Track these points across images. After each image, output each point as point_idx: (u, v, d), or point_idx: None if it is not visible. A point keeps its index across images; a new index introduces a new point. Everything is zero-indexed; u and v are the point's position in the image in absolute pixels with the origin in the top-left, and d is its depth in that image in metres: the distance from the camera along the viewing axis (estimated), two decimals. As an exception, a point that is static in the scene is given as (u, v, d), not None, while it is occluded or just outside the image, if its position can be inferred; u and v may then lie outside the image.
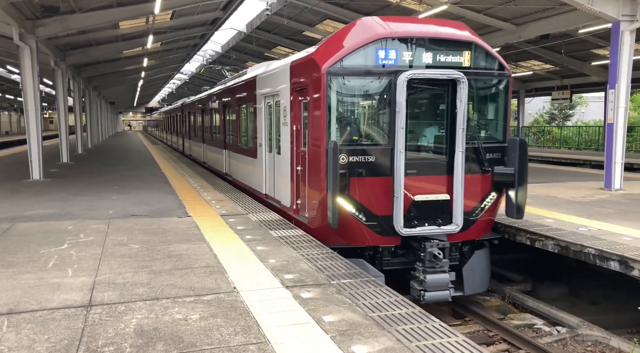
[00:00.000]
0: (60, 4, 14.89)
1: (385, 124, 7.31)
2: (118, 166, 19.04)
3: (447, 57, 7.37)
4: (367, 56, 7.15)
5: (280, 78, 9.43)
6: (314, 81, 7.44)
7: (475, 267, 7.87)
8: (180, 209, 9.74)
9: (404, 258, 7.67)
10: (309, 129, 7.75)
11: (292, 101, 8.61)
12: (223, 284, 5.32)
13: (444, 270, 7.27)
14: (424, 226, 7.31)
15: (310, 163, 7.78)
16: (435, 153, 7.82)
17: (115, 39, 23.42)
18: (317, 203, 7.59)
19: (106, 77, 36.65)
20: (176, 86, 71.01)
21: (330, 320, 4.35)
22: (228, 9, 22.72)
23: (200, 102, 20.75)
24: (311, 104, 7.61)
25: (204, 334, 4.08)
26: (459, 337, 4.08)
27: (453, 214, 7.41)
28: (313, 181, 7.72)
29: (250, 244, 6.99)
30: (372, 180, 7.21)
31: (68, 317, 4.45)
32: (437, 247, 7.14)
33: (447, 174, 7.50)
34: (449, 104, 7.47)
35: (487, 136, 7.97)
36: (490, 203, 7.79)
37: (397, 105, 7.05)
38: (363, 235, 7.32)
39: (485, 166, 7.61)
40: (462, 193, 7.36)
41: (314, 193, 7.71)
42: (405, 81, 6.98)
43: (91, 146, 32.38)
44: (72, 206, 10.09)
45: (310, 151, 7.75)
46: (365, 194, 7.19)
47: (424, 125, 7.99)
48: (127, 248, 6.82)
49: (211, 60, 40.89)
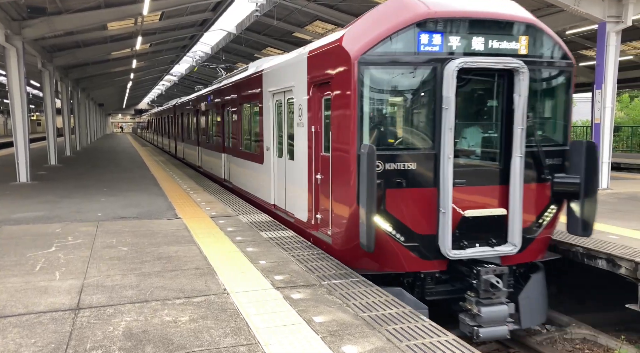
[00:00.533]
0: (47, 5, 14.76)
1: (429, 124, 6.11)
2: (107, 168, 18.89)
3: (501, 43, 6.12)
4: (406, 41, 5.90)
5: (293, 72, 8.13)
6: (341, 73, 6.26)
7: (533, 294, 6.59)
8: (169, 211, 9.68)
9: (449, 285, 6.42)
10: (334, 131, 6.53)
11: (309, 98, 7.38)
12: (213, 286, 5.30)
13: (501, 301, 6.02)
14: (474, 247, 6.11)
15: (336, 171, 6.57)
16: (485, 159, 6.54)
17: (103, 40, 23.25)
18: (344, 220, 6.32)
19: (95, 79, 36.36)
20: (165, 88, 70.67)
21: (320, 321, 4.35)
22: (217, 10, 22.66)
23: (194, 102, 19.33)
24: (337, 101, 6.42)
25: (193, 336, 4.06)
26: (449, 336, 4.10)
27: (509, 232, 6.22)
28: (339, 193, 6.51)
29: (241, 245, 6.97)
30: (413, 192, 6.03)
31: (55, 320, 4.40)
32: (493, 273, 5.93)
33: (501, 184, 6.28)
34: (504, 99, 6.26)
35: (545, 138, 6.64)
36: (549, 218, 6.55)
37: (444, 100, 5.86)
38: (401, 258, 6.08)
39: (545, 174, 6.41)
40: (520, 207, 6.14)
41: (340, 207, 6.49)
42: (455, 71, 5.79)
43: (80, 149, 32.09)
44: (60, 209, 9.99)
45: (335, 156, 6.53)
46: (405, 209, 6.01)
47: (470, 125, 6.60)
48: (116, 250, 6.76)
49: (201, 61, 40.74)
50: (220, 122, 14.55)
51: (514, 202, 6.17)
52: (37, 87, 42.06)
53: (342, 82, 6.24)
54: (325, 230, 7.07)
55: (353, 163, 5.97)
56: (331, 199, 6.77)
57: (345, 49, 6.13)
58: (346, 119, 6.15)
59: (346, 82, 6.09)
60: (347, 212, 6.20)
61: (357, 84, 5.91)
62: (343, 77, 6.19)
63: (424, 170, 6.03)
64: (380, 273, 6.20)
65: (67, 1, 15.24)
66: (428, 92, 6.08)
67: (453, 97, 5.82)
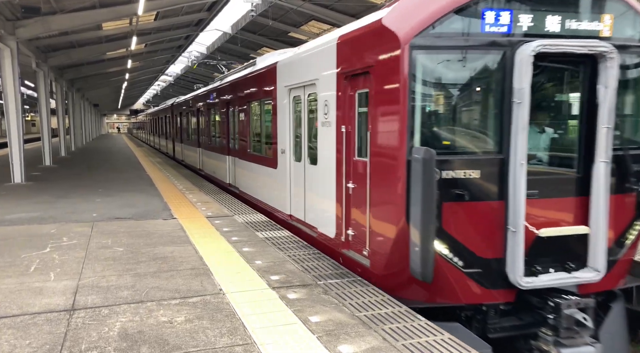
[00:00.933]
0: (41, 5, 14.70)
1: (494, 122, 5.08)
2: (102, 169, 18.82)
3: (580, 23, 5.04)
4: (467, 20, 4.88)
5: (317, 63, 7.03)
6: (385, 61, 5.15)
7: (614, 329, 5.50)
8: (165, 211, 9.66)
9: (516, 319, 5.31)
10: (374, 132, 5.44)
11: (339, 93, 6.31)
12: (209, 286, 5.28)
13: (586, 341, 4.94)
14: (549, 273, 5.06)
15: (376, 180, 5.51)
16: (559, 166, 5.47)
17: (98, 40, 23.18)
18: (387, 239, 5.27)
19: (90, 79, 36.25)
20: (161, 88, 70.52)
21: (316, 321, 4.35)
22: (213, 10, 22.63)
23: (195, 101, 18.06)
24: (379, 96, 5.35)
25: (189, 336, 4.05)
26: (445, 335, 4.10)
27: (590, 254, 5.13)
28: (380, 206, 5.43)
29: (237, 245, 6.96)
30: (475, 206, 4.97)
31: (50, 321, 4.38)
32: (577, 307, 4.88)
33: (578, 195, 5.23)
34: (585, 92, 5.21)
35: (629, 140, 5.53)
36: (633, 236, 5.54)
37: (515, 93, 4.83)
38: (459, 287, 5.04)
39: (631, 183, 5.38)
40: (605, 223, 5.06)
41: (381, 223, 5.40)
42: (531, 57, 4.76)
43: (75, 149, 31.97)
44: (55, 210, 9.94)
45: (376, 162, 5.48)
46: (464, 227, 4.98)
47: (539, 124, 5.50)
48: (111, 251, 6.74)
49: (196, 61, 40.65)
50: (225, 122, 13.36)
51: (597, 217, 5.06)
52: (31, 87, 41.88)
53: (386, 72, 5.16)
54: (361, 250, 5.93)
55: (401, 170, 4.96)
56: (369, 213, 5.65)
57: (391, 31, 5.03)
58: (392, 117, 5.09)
59: (393, 72, 5.03)
60: (392, 230, 5.16)
61: (408, 73, 4.87)
62: (388, 66, 5.11)
63: (489, 179, 5.00)
64: (432, 305, 5.18)
65: (61, 1, 15.18)
66: (494, 83, 5.06)
67: (528, 88, 4.78)
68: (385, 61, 5.17)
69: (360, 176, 5.95)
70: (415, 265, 4.65)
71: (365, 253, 5.82)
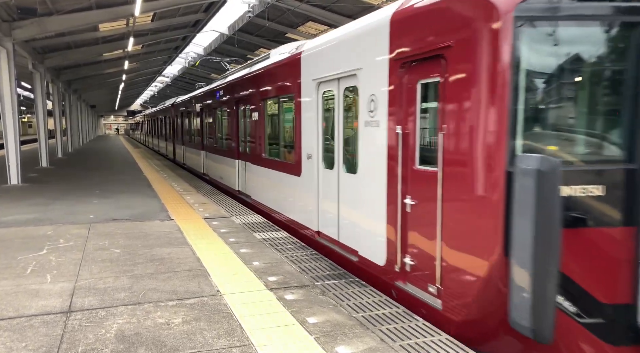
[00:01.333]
0: (38, 6, 14.66)
1: (623, 120, 3.91)
2: (99, 170, 18.77)
3: None
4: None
5: (361, 48, 5.74)
6: (475, 38, 3.92)
7: None
8: (162, 212, 9.64)
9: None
10: (451, 133, 4.22)
11: (393, 84, 5.08)
12: (206, 287, 5.27)
13: None
14: None
15: (453, 196, 4.25)
16: None
17: (95, 41, 23.13)
18: (472, 277, 4.07)
19: (86, 80, 36.19)
20: (158, 89, 70.45)
21: (314, 322, 4.34)
22: (210, 11, 22.61)
23: (199, 100, 16.77)
24: (461, 85, 4.10)
25: (186, 338, 4.04)
26: (442, 335, 4.10)
27: None
28: (460, 231, 4.18)
29: (234, 247, 6.94)
30: (597, 234, 3.85)
31: (47, 323, 4.36)
32: None
33: None
34: None
35: None
36: None
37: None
38: (574, 342, 3.89)
39: None
40: None
41: (461, 255, 4.18)
42: None
43: (72, 150, 31.89)
44: (52, 211, 9.91)
45: (453, 173, 4.24)
46: (583, 262, 3.86)
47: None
48: (109, 252, 6.72)
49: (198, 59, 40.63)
50: (233, 123, 12.04)
51: None
52: (28, 89, 41.78)
53: (474, 54, 3.93)
54: (425, 285, 4.75)
55: (497, 185, 3.79)
56: (440, 239, 4.44)
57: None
58: (484, 113, 3.89)
59: (486, 53, 3.82)
60: (481, 266, 3.96)
61: (512, 53, 3.71)
62: (478, 45, 3.87)
63: (615, 198, 3.85)
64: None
65: (57, 2, 15.15)
66: (625, 67, 3.87)
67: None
68: (473, 38, 3.93)
69: (424, 191, 4.70)
70: (523, 317, 3.47)
71: (434, 290, 4.60)
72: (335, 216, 6.69)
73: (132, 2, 15.42)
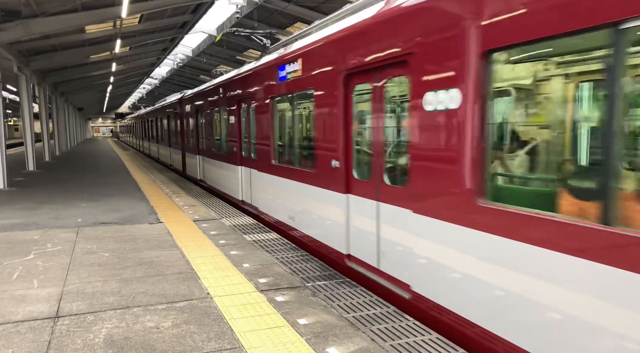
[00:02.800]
0: (23, 8, 14.49)
1: None
2: (87, 174, 18.59)
3: None
4: None
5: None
6: None
7: None
8: (151, 215, 9.56)
9: None
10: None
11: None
12: (196, 290, 5.24)
13: None
14: None
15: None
16: None
17: (81, 43, 22.91)
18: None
19: (73, 83, 35.82)
20: (146, 91, 69.99)
21: (305, 323, 4.33)
22: (198, 12, 22.49)
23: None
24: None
25: (176, 341, 4.00)
26: (433, 335, 4.11)
27: None
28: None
29: (224, 249, 6.91)
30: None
31: (34, 329, 4.30)
32: None
33: None
34: None
35: None
36: None
37: None
38: None
39: None
40: None
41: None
42: None
43: (59, 154, 31.55)
44: (39, 215, 9.79)
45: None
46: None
47: None
48: (97, 256, 6.65)
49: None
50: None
51: None
52: (14, 91, 41.27)
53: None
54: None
55: None
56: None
57: None
58: None
59: None
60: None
61: None
62: None
63: None
64: None
65: (43, 4, 14.97)
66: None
67: None
68: None
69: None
70: None
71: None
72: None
73: (119, 4, 15.29)
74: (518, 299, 3.52)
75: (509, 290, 3.59)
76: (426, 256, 4.50)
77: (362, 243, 5.72)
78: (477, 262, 3.89)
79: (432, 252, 4.41)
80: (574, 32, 3.07)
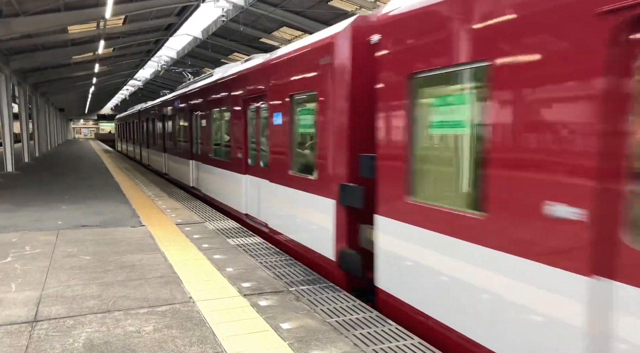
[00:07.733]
0: (3, 7, 14.25)
1: None
2: (68, 175, 18.30)
3: None
4: None
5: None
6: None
7: None
8: (134, 218, 9.46)
9: None
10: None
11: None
12: (178, 294, 5.20)
13: None
14: None
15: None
16: None
17: (64, 43, 22.61)
18: None
19: (55, 83, 35.28)
20: (129, 93, 69.25)
21: (288, 327, 4.33)
22: (183, 15, 22.40)
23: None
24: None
25: (157, 346, 3.97)
26: (415, 339, 4.14)
27: None
28: None
29: (207, 253, 6.87)
30: None
31: (10, 333, 4.22)
32: None
33: None
34: None
35: None
36: None
37: None
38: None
39: None
40: None
41: None
42: None
43: (39, 155, 31.00)
44: (18, 218, 9.61)
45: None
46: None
47: None
48: (77, 259, 6.55)
49: (163, 66, 40.12)
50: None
51: None
52: (-7, 91, 40.42)
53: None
54: None
55: None
56: None
57: None
58: None
59: None
60: None
61: None
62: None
63: None
64: None
65: (24, 3, 14.76)
66: None
67: None
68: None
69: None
70: None
71: None
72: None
73: (103, 5, 15.15)
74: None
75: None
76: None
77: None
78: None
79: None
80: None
